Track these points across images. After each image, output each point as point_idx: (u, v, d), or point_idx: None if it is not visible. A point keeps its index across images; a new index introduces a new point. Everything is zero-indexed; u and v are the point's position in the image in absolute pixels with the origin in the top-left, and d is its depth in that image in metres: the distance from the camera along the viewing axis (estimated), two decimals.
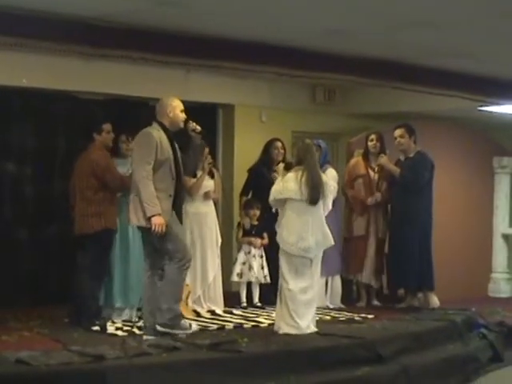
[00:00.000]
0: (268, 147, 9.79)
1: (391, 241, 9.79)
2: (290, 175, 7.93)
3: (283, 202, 7.94)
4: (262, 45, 7.98)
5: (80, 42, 7.26)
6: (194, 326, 7.20)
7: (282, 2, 6.57)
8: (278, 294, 7.97)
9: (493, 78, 9.61)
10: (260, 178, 9.55)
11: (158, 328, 7.26)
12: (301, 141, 8.25)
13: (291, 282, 7.85)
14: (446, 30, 7.28)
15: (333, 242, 8.16)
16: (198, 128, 8.08)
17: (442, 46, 8.05)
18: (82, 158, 8.30)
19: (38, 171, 9.47)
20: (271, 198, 8.05)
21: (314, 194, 7.87)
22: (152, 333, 7.33)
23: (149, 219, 7.14)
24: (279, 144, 9.76)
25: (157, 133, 7.34)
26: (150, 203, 7.12)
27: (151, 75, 9.36)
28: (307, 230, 7.85)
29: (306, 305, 7.90)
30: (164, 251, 7.31)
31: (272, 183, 8.65)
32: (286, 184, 7.89)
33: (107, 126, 8.33)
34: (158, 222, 7.12)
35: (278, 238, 7.97)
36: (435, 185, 9.73)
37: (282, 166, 8.38)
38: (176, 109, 7.48)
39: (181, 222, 7.64)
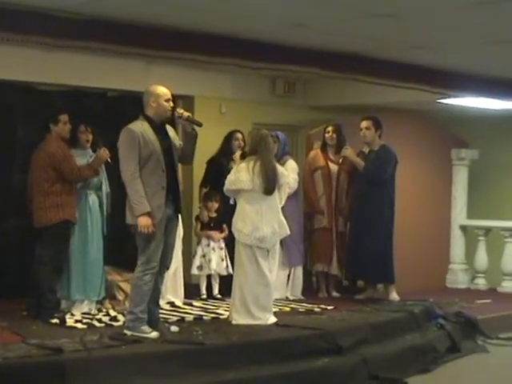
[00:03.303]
0: (228, 138, 9.78)
1: (352, 232, 9.84)
2: (242, 165, 7.94)
3: (237, 192, 7.95)
4: (223, 36, 7.96)
5: (39, 33, 7.17)
6: (154, 333, 7.11)
7: None
8: (234, 284, 7.98)
9: (451, 71, 9.69)
10: (219, 170, 9.52)
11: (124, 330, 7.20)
12: (255, 130, 8.24)
13: (251, 274, 7.85)
14: (406, 22, 7.32)
15: (288, 232, 8.18)
16: (186, 114, 7.29)
17: (401, 39, 8.09)
18: (39, 149, 8.20)
19: None
20: (225, 188, 8.07)
21: (269, 184, 7.88)
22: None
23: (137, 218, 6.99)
24: (239, 135, 9.75)
25: (139, 127, 7.06)
26: (137, 202, 6.95)
27: (111, 66, 9.31)
28: (261, 219, 7.86)
29: (266, 296, 7.92)
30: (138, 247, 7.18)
31: None
32: (238, 174, 7.90)
33: (64, 117, 8.22)
34: (143, 224, 6.95)
35: (233, 229, 7.99)
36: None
37: (238, 154, 8.36)
38: (160, 98, 7.14)
39: (179, 212, 7.44)
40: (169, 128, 7.38)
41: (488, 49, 8.42)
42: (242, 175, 7.88)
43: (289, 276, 9.62)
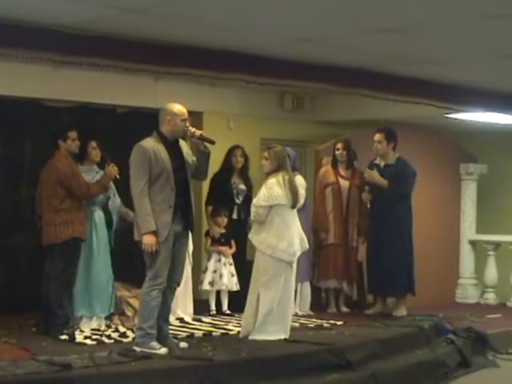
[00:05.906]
0: (228, 154, 9.81)
1: (374, 248, 9.71)
2: (273, 181, 7.85)
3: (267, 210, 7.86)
4: (231, 52, 7.99)
5: (47, 49, 7.21)
6: (163, 350, 7.10)
7: (250, 11, 6.58)
8: (250, 301, 7.94)
9: (459, 86, 9.69)
10: (222, 186, 9.57)
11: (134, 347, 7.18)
12: (276, 147, 8.18)
13: (283, 291, 7.83)
14: (413, 37, 7.33)
15: (307, 246, 8.20)
16: (198, 132, 7.22)
17: (408, 54, 8.10)
18: (48, 166, 8.21)
19: (5, 178, 9.40)
20: (255, 212, 7.85)
21: (296, 197, 7.91)
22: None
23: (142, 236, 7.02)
24: (238, 151, 9.76)
25: (152, 144, 7.07)
26: (143, 220, 6.97)
27: (119, 82, 9.32)
28: (293, 234, 7.86)
29: (291, 312, 7.96)
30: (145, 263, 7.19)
31: (233, 190, 8.67)
32: (271, 191, 7.81)
33: (73, 134, 8.23)
34: (147, 242, 6.96)
35: (262, 246, 7.84)
36: None
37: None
38: (176, 117, 7.14)
39: (191, 230, 7.53)
40: (183, 144, 7.39)
41: (495, 63, 8.42)
42: (276, 191, 7.80)
43: (296, 291, 9.59)
